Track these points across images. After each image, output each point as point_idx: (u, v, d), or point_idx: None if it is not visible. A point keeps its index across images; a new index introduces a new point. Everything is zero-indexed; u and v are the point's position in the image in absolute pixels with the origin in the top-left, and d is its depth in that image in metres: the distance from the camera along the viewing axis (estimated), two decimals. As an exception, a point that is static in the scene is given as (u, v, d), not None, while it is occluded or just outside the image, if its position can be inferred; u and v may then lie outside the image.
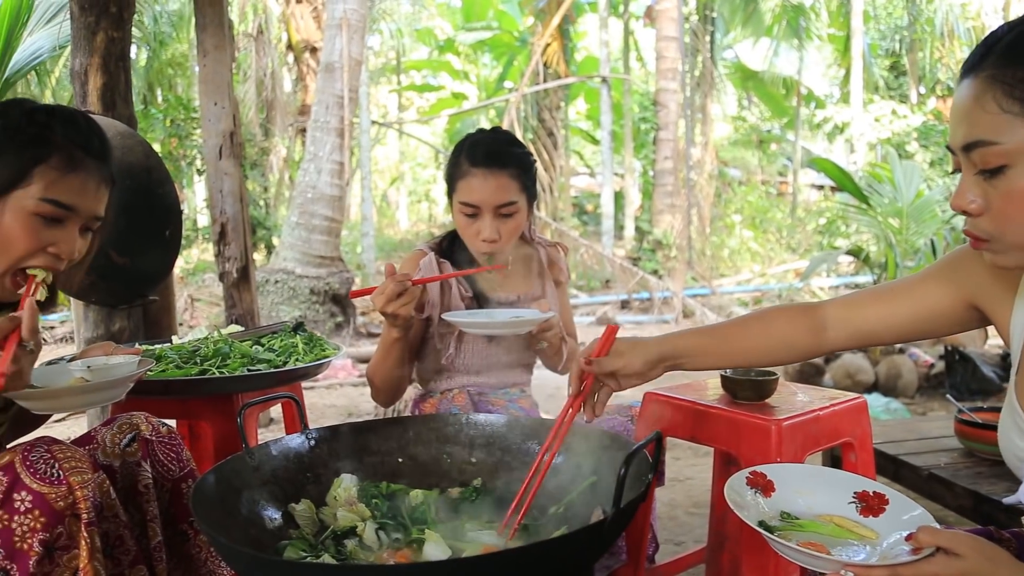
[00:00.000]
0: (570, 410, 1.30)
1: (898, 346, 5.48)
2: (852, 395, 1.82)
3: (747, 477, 1.23)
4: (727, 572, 2.14)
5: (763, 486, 1.23)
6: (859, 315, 1.31)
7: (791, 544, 1.01)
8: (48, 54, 6.25)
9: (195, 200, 14.43)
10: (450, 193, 1.89)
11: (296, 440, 1.40)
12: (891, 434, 2.46)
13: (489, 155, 1.82)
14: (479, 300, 1.95)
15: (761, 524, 1.11)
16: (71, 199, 1.31)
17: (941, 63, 14.19)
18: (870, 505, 1.17)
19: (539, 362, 2.08)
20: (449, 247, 1.97)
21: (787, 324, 1.34)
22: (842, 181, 6.67)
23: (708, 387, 1.88)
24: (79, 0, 2.82)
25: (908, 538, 1.01)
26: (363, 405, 4.96)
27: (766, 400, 1.73)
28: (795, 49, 15.20)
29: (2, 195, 1.27)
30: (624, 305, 10.26)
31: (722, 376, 1.74)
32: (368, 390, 1.96)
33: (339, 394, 5.43)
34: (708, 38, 13.35)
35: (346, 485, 1.39)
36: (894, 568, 0.93)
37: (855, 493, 1.19)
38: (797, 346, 1.34)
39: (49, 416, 1.66)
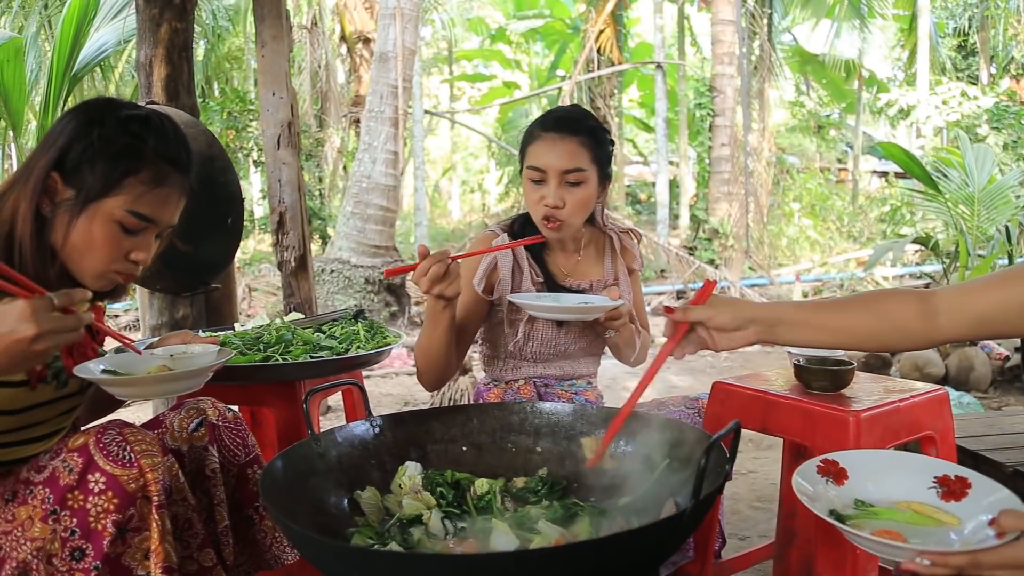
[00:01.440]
0: (663, 355, 1.25)
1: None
2: (933, 386, 1.74)
3: (818, 465, 1.18)
4: (796, 569, 2.08)
5: (835, 474, 1.18)
6: (976, 300, 1.18)
7: (862, 533, 0.96)
8: (113, 49, 6.42)
9: (251, 191, 14.71)
10: (521, 166, 1.85)
11: (361, 427, 1.39)
12: (970, 428, 2.35)
13: (560, 120, 1.79)
14: (549, 286, 1.90)
15: (832, 513, 1.06)
16: (153, 212, 1.35)
17: (1016, 40, 13.58)
18: (951, 489, 1.11)
19: (606, 352, 2.03)
20: (520, 229, 1.92)
21: (896, 306, 1.22)
22: (909, 166, 6.44)
23: (777, 377, 1.82)
24: (143, -8, 2.86)
25: (991, 522, 0.95)
26: (419, 394, 4.99)
27: (842, 391, 1.66)
28: (857, 30, 14.72)
29: (92, 202, 1.30)
30: (680, 295, 10.12)
31: (795, 365, 1.68)
32: (424, 378, 1.91)
33: (395, 383, 5.47)
34: (766, 21, 13.02)
35: (411, 473, 1.37)
36: (974, 554, 0.88)
37: (935, 478, 1.13)
38: (908, 330, 1.22)
39: (124, 402, 1.69)
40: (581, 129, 1.78)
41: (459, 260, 1.60)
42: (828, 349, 1.69)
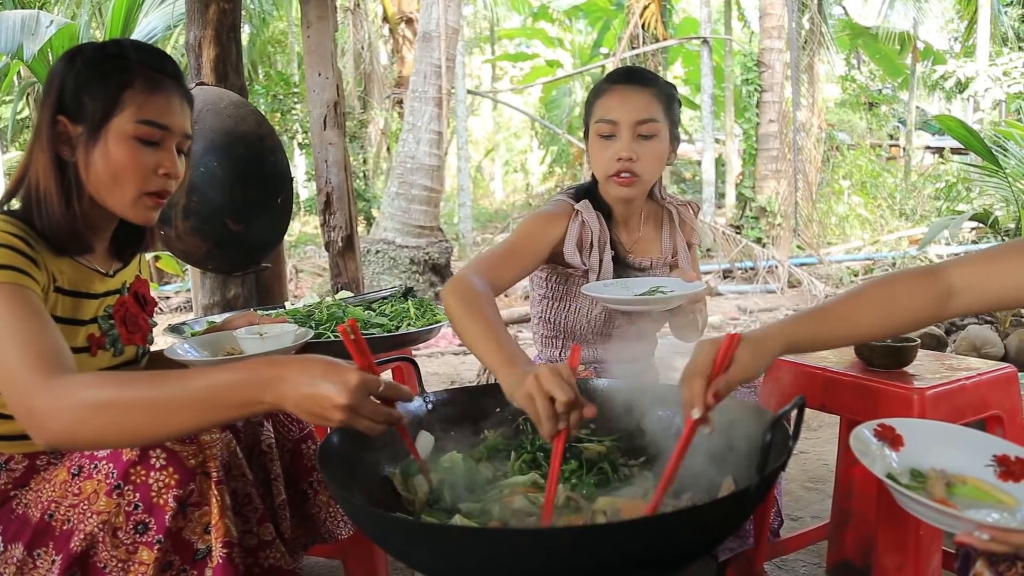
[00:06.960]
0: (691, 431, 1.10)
1: (1031, 315, 5.10)
2: (1000, 364, 1.69)
3: (875, 429, 1.16)
4: (851, 549, 2.05)
5: (891, 439, 1.15)
6: (997, 278, 1.14)
7: (919, 498, 0.93)
8: (161, 34, 6.53)
9: (296, 174, 14.86)
10: (587, 128, 1.80)
11: (415, 404, 1.39)
12: (1035, 409, 2.27)
13: (632, 73, 1.77)
14: (615, 261, 1.84)
15: (889, 476, 1.03)
16: (162, 117, 1.36)
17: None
18: (1011, 470, 1.08)
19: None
20: (587, 196, 1.84)
21: (907, 293, 1.19)
22: (967, 140, 6.21)
23: (834, 353, 1.78)
24: (193, -26, 2.89)
25: None
26: (465, 373, 5.00)
27: (904, 368, 1.62)
28: (912, 1, 14.24)
29: (101, 126, 1.32)
30: (726, 274, 9.98)
31: (856, 342, 1.64)
32: (470, 359, 1.90)
33: (441, 362, 5.50)
34: (816, -7, 12.63)
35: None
36: None
37: (994, 456, 1.10)
38: (917, 317, 1.19)
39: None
40: (652, 82, 1.76)
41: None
42: (845, 346, 1.62)
